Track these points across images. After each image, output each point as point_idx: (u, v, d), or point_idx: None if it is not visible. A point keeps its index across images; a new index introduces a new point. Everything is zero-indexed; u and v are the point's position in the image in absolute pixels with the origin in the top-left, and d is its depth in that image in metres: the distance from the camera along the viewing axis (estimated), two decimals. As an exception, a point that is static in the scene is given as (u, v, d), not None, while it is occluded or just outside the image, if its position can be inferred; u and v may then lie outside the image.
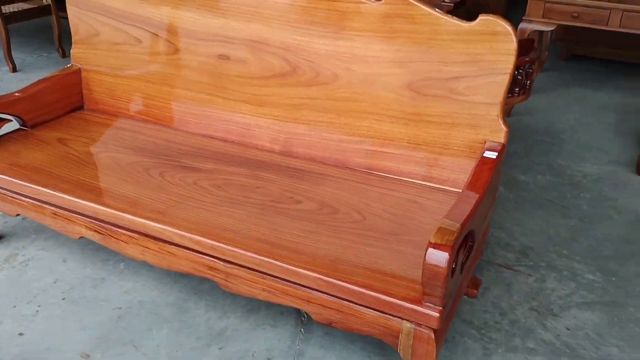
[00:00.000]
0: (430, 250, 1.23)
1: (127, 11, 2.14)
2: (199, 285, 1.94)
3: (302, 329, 1.76)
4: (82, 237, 1.80)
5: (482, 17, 1.60)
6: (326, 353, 1.68)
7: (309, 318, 1.80)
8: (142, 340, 1.71)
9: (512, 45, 1.57)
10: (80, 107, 2.37)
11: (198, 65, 2.07)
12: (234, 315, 1.81)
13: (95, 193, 1.75)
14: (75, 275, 1.98)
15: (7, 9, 3.97)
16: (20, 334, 1.73)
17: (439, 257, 1.22)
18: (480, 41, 1.61)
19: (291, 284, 1.47)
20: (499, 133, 1.66)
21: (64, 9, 2.28)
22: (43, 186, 1.77)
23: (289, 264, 1.44)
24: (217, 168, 1.91)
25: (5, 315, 1.80)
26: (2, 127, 2.10)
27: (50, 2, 4.17)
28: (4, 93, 2.16)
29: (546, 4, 3.09)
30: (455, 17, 1.64)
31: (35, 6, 4.15)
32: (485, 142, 1.68)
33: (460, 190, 1.69)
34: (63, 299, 1.88)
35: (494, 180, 1.59)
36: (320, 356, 1.66)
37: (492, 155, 1.62)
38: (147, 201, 1.71)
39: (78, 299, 1.88)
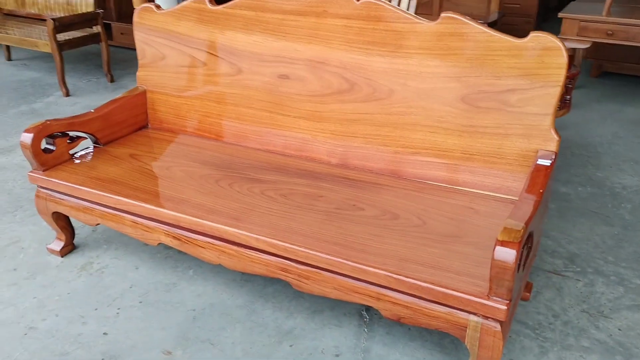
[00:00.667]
0: (499, 247, 1.34)
1: (192, 36, 2.31)
2: (264, 288, 2.06)
3: (365, 329, 1.87)
4: (160, 243, 1.94)
5: (533, 34, 1.72)
6: (390, 350, 1.78)
7: (371, 318, 1.91)
8: (218, 338, 1.83)
9: (563, 59, 1.69)
10: (145, 126, 2.54)
11: (260, 84, 2.23)
12: (300, 316, 1.93)
13: (173, 202, 1.89)
14: (148, 281, 2.12)
15: (62, 37, 4.22)
16: (105, 334, 1.87)
17: (507, 254, 1.33)
18: (532, 56, 1.73)
19: (361, 282, 1.59)
20: (551, 142, 1.77)
21: (112, 37, 2.45)
22: (124, 197, 1.93)
23: (360, 263, 1.56)
24: (279, 179, 2.05)
25: (88, 316, 1.95)
26: (80, 144, 2.28)
27: (99, 30, 4.41)
28: (60, 116, 2.33)
29: (581, 22, 3.20)
30: (507, 34, 1.77)
31: (87, 34, 4.39)
32: (537, 151, 1.79)
33: (514, 198, 1.81)
34: (140, 302, 2.01)
35: (548, 186, 1.69)
36: (384, 353, 1.77)
37: (546, 162, 1.73)
38: (222, 209, 1.85)
39: (154, 302, 2.01)
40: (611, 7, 3.29)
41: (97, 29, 4.43)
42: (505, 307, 1.38)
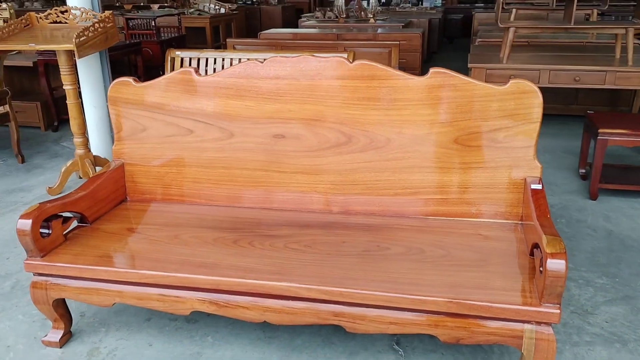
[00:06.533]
0: (550, 260, 1.56)
1: (177, 105, 2.35)
2: (292, 341, 2.10)
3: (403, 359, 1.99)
4: (193, 311, 1.91)
5: (513, 81, 2.04)
6: (435, 376, 1.92)
7: (404, 350, 2.04)
8: (271, 397, 1.84)
9: (539, 100, 2.02)
10: (123, 200, 2.48)
11: (254, 146, 2.31)
12: (340, 361, 2.00)
13: (205, 267, 1.89)
14: (170, 355, 2.05)
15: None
16: (150, 415, 1.78)
17: (559, 264, 1.56)
18: (514, 99, 2.04)
19: (418, 313, 1.73)
20: (536, 170, 2.08)
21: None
22: (151, 270, 1.89)
23: (417, 295, 1.70)
24: (294, 232, 2.13)
25: (123, 402, 1.84)
26: (71, 225, 2.17)
27: (7, 109, 4.15)
28: None
29: (487, 70, 3.71)
30: (489, 83, 2.07)
31: (-7, 115, 4.10)
32: (525, 179, 2.09)
33: (509, 221, 2.09)
34: (172, 377, 1.95)
35: (542, 206, 1.98)
36: (432, 379, 1.90)
37: (539, 186, 2.02)
38: (257, 267, 1.89)
39: (187, 374, 1.96)
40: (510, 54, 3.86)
41: (4, 108, 4.16)
42: (558, 311, 1.60)
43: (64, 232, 2.14)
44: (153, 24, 5.95)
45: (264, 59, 2.25)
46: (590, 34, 4.94)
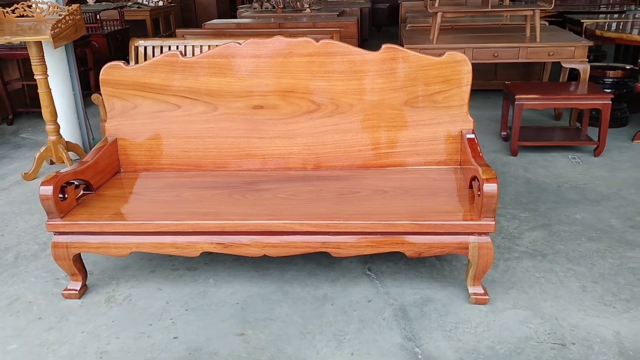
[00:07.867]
0: (486, 184, 2.07)
1: (166, 85, 2.69)
2: (283, 275, 2.52)
3: (376, 281, 2.46)
4: (203, 252, 2.29)
5: (448, 53, 2.54)
6: (402, 289, 2.40)
7: (375, 273, 2.51)
8: (273, 315, 2.25)
9: (469, 67, 2.54)
10: (118, 172, 2.80)
11: (236, 117, 2.70)
12: (325, 285, 2.43)
13: (210, 215, 2.27)
14: (179, 295, 2.42)
15: None
16: (175, 337, 2.15)
17: (492, 187, 2.07)
18: (449, 67, 2.54)
19: (389, 235, 2.19)
20: (469, 124, 2.60)
21: None
22: (164, 220, 2.25)
23: (388, 221, 2.16)
24: (279, 186, 2.54)
25: (149, 331, 2.20)
26: (81, 191, 2.48)
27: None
28: None
29: (420, 50, 4.23)
30: (430, 55, 2.56)
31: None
32: (461, 131, 2.60)
33: (450, 167, 2.60)
34: (186, 310, 2.32)
35: (476, 151, 2.50)
36: (400, 291, 2.38)
37: (472, 136, 2.54)
38: (254, 212, 2.29)
39: (198, 307, 2.33)
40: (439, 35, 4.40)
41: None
42: (494, 223, 2.12)
43: (76, 197, 2.45)
44: (98, 17, 6.10)
45: (241, 42, 2.63)
46: (504, 17, 5.61)
